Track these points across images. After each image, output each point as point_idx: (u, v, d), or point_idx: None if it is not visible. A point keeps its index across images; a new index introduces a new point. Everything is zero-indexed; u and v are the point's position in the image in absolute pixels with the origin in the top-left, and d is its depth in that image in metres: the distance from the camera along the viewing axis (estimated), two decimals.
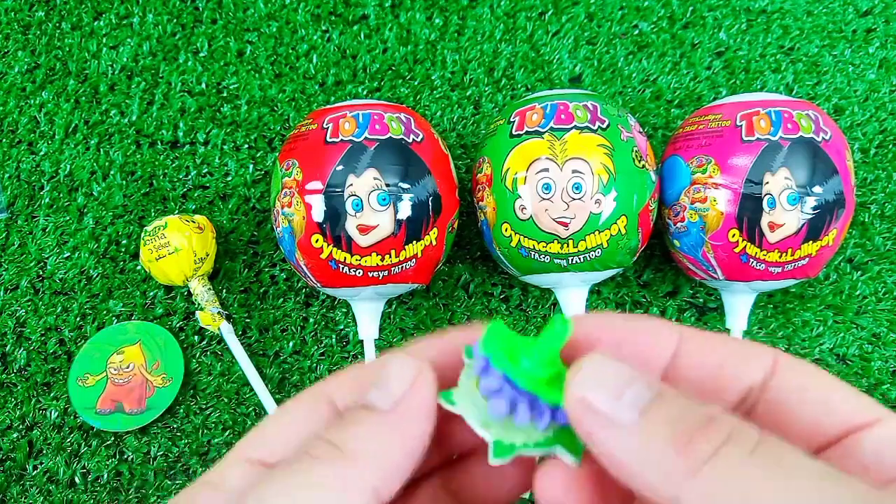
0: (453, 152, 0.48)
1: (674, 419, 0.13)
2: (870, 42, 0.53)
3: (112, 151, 0.50)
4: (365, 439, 0.14)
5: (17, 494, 0.42)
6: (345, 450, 0.14)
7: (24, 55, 0.53)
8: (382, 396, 0.15)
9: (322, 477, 0.14)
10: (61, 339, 0.46)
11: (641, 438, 0.13)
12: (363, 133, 0.39)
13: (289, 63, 0.53)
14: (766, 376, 0.15)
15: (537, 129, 0.39)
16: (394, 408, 0.15)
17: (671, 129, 0.50)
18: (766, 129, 0.38)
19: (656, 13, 0.54)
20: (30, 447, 0.44)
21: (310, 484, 0.13)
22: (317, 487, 0.13)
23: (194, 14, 0.54)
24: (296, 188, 0.39)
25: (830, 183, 0.38)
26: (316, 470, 0.14)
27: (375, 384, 0.15)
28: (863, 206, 0.49)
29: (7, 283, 0.47)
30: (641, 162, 0.40)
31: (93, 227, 0.48)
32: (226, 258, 0.48)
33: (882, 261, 0.47)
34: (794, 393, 0.15)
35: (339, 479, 0.14)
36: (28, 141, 0.51)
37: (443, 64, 0.52)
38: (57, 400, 0.44)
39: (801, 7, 0.54)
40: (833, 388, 0.15)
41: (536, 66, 0.52)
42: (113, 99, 0.52)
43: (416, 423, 0.15)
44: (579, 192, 0.38)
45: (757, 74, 0.52)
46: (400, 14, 0.54)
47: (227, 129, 0.51)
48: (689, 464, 0.12)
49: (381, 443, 0.14)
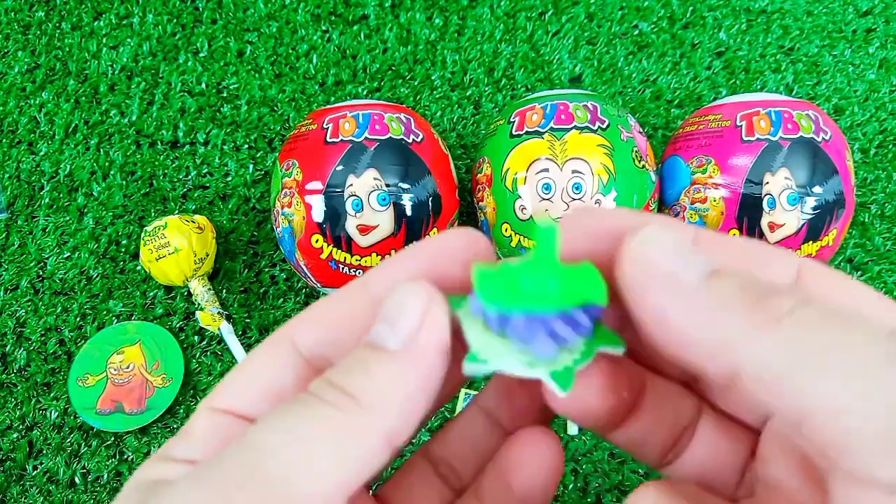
0: (453, 152, 0.48)
1: (742, 283, 0.12)
2: (870, 42, 0.53)
3: (112, 151, 0.50)
4: (378, 385, 0.13)
5: (17, 494, 0.42)
6: (358, 398, 0.13)
7: (24, 55, 0.53)
8: (391, 335, 0.14)
9: (335, 424, 0.13)
10: (61, 339, 0.46)
11: (708, 298, 0.12)
12: (363, 133, 0.39)
13: (289, 63, 0.53)
14: (789, 283, 0.14)
15: (537, 129, 0.39)
16: (405, 347, 0.14)
17: (671, 129, 0.50)
18: (766, 130, 0.38)
19: (656, 13, 0.54)
20: (30, 447, 0.44)
21: (322, 430, 0.13)
22: (330, 434, 0.13)
23: (194, 14, 0.54)
24: (296, 188, 0.39)
25: (830, 183, 0.38)
26: (328, 416, 0.13)
27: (381, 319, 0.14)
28: (863, 206, 0.49)
29: (7, 283, 0.47)
30: (641, 162, 0.40)
31: (93, 227, 0.48)
32: (226, 258, 0.48)
33: (882, 261, 0.47)
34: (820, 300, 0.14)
35: (353, 426, 0.13)
36: (28, 141, 0.51)
37: (443, 64, 0.52)
38: (57, 400, 0.44)
39: (801, 7, 0.54)
40: (861, 294, 0.14)
41: (536, 66, 0.52)
42: (113, 99, 0.52)
43: (431, 362, 0.14)
44: (579, 193, 0.38)
45: (757, 74, 0.52)
46: (400, 14, 0.54)
47: (227, 129, 0.51)
48: (764, 318, 0.12)
49: (396, 388, 0.13)
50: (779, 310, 0.12)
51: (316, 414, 0.13)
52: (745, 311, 0.12)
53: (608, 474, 0.43)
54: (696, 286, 0.12)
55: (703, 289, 0.12)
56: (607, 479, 0.43)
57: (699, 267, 0.13)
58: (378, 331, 0.14)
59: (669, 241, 0.13)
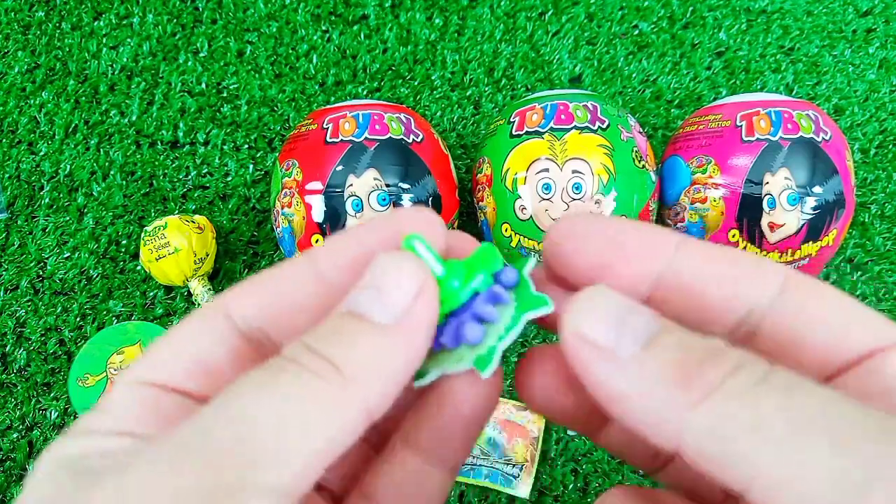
0: (453, 152, 0.48)
1: (677, 351, 0.12)
2: (870, 42, 0.53)
3: (112, 151, 0.50)
4: (363, 356, 0.13)
5: (17, 494, 0.42)
6: (340, 367, 0.12)
7: (24, 55, 0.53)
8: (381, 308, 0.13)
9: (315, 392, 0.12)
10: (61, 339, 0.46)
11: (642, 371, 0.12)
12: (363, 133, 0.39)
13: (289, 63, 0.53)
14: (772, 298, 0.13)
15: (537, 129, 0.39)
16: (397, 322, 0.13)
17: (671, 129, 0.50)
18: (766, 130, 0.38)
19: (656, 13, 0.54)
20: (30, 447, 0.44)
21: (307, 398, 0.12)
22: (309, 402, 0.12)
23: (194, 14, 0.54)
24: (296, 188, 0.39)
25: (830, 183, 0.38)
26: (308, 384, 0.12)
27: (368, 287, 0.13)
28: (863, 206, 0.49)
29: (7, 283, 0.47)
30: (641, 162, 0.40)
31: (93, 227, 0.48)
32: (226, 258, 0.48)
33: (882, 261, 0.47)
34: (804, 314, 0.13)
35: (334, 397, 0.12)
36: (28, 141, 0.51)
37: (443, 64, 0.52)
38: (57, 400, 0.44)
39: (801, 7, 0.54)
40: (849, 309, 0.13)
41: (536, 66, 0.52)
42: (113, 99, 0.52)
43: (421, 340, 0.13)
44: (579, 193, 0.38)
45: (757, 74, 0.52)
46: (400, 14, 0.54)
47: (227, 129, 0.51)
48: (693, 395, 0.11)
49: (382, 361, 0.13)
50: (709, 384, 0.11)
51: (299, 381, 0.12)
52: (678, 384, 0.12)
53: (608, 474, 0.43)
54: (631, 358, 0.12)
55: (638, 361, 0.12)
56: (607, 480, 0.43)
57: (637, 335, 0.13)
58: (360, 298, 0.13)
59: (603, 309, 0.13)
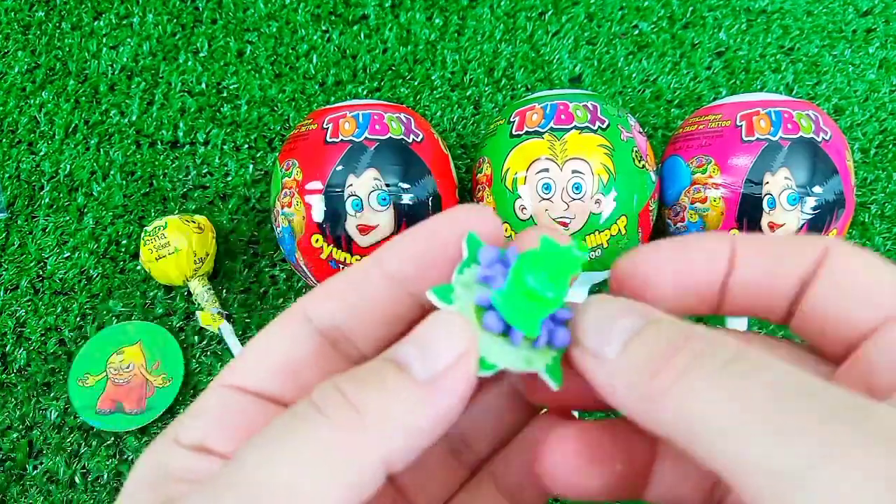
0: (453, 152, 0.48)
1: (653, 344, 0.13)
2: (870, 42, 0.53)
3: (112, 151, 0.50)
4: (390, 407, 0.12)
5: (16, 494, 0.42)
6: (364, 414, 0.12)
7: (24, 55, 0.53)
8: (422, 363, 0.13)
9: (331, 441, 0.12)
10: (61, 339, 0.46)
11: (620, 368, 0.13)
12: (363, 133, 0.39)
13: (289, 63, 0.53)
14: (814, 266, 0.14)
15: (537, 129, 0.39)
16: (432, 381, 0.13)
17: (671, 129, 0.50)
18: (766, 130, 0.38)
19: (656, 13, 0.54)
20: (30, 447, 0.44)
21: (315, 445, 0.12)
22: (323, 451, 0.12)
23: (194, 14, 0.54)
24: (296, 188, 0.39)
25: (830, 183, 0.38)
26: (325, 432, 0.12)
27: (415, 342, 0.13)
28: (863, 206, 0.49)
29: (7, 283, 0.47)
30: (641, 162, 0.40)
31: (93, 227, 0.48)
32: (226, 258, 0.48)
33: None
34: (840, 282, 0.14)
35: (351, 445, 0.12)
36: (28, 141, 0.51)
37: (443, 64, 0.52)
38: (57, 400, 0.44)
39: (801, 7, 0.54)
40: (886, 275, 0.13)
41: (536, 66, 0.52)
42: (113, 99, 0.52)
43: (452, 401, 0.13)
44: (579, 193, 0.38)
45: (757, 74, 0.52)
46: (400, 14, 0.54)
47: (227, 129, 0.51)
48: (663, 382, 0.12)
49: (408, 415, 0.13)
50: (677, 370, 0.12)
51: (316, 435, 0.12)
52: (652, 374, 0.13)
53: None
54: (615, 356, 0.13)
55: (620, 358, 0.13)
56: None
57: (620, 335, 0.14)
58: (405, 351, 0.13)
59: (591, 319, 0.14)
